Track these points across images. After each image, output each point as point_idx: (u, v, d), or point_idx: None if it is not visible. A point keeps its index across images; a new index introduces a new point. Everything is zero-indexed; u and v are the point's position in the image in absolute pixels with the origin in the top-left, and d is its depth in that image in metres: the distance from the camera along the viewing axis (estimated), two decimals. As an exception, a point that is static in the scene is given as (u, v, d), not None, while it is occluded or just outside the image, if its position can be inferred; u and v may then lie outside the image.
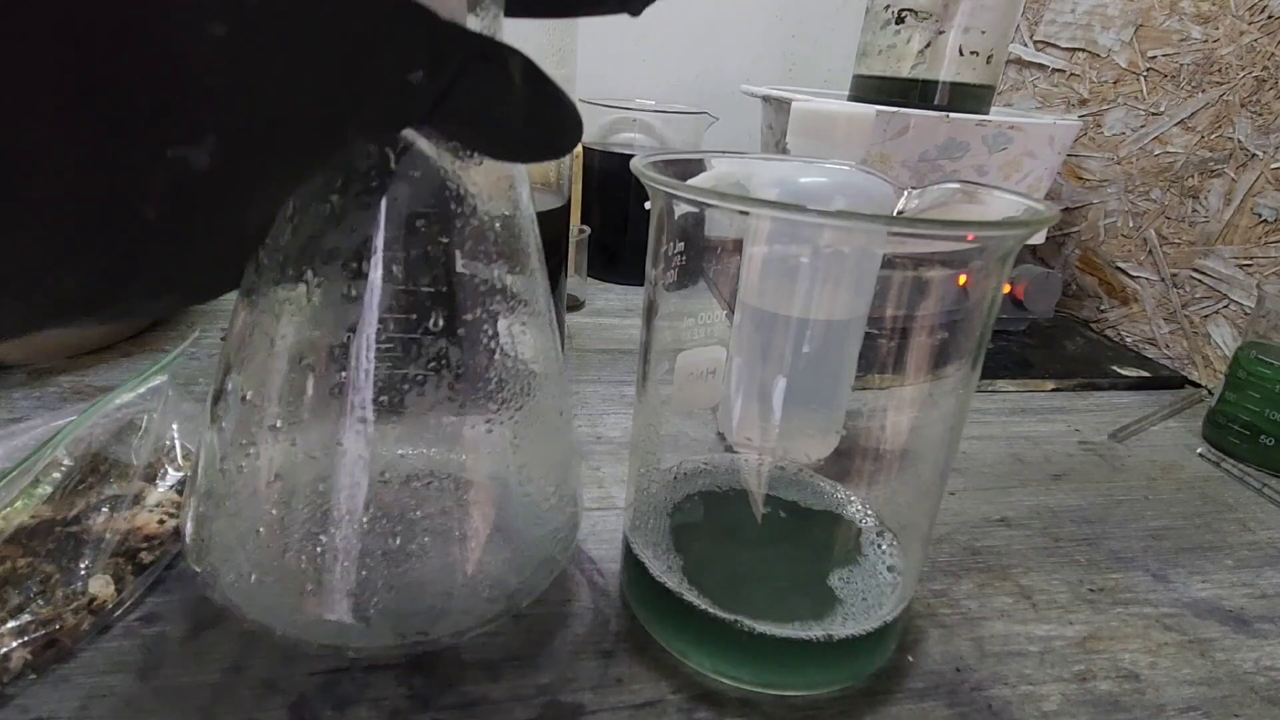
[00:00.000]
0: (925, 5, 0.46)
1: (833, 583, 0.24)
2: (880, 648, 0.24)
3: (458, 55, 0.13)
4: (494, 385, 0.21)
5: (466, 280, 0.19)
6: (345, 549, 0.19)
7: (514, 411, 0.21)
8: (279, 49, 0.11)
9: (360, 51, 0.12)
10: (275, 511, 0.20)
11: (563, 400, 0.24)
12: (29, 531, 0.24)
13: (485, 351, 0.20)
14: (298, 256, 0.18)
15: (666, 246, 0.23)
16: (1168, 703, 0.25)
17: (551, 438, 0.24)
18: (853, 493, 0.26)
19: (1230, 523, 0.36)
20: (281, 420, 0.19)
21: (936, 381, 0.22)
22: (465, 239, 0.19)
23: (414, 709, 0.22)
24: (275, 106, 0.11)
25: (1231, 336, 0.51)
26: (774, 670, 0.23)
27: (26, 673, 0.21)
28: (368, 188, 0.17)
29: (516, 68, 0.15)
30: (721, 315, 0.24)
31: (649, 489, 0.26)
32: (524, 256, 0.21)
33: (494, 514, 0.22)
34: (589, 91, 0.70)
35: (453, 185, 0.19)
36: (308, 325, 0.18)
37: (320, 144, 0.13)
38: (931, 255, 0.21)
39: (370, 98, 0.13)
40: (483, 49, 0.14)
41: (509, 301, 0.21)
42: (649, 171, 0.20)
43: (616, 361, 0.48)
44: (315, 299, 0.18)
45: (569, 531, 0.24)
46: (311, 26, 0.11)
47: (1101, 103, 0.61)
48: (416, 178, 0.18)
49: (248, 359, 0.19)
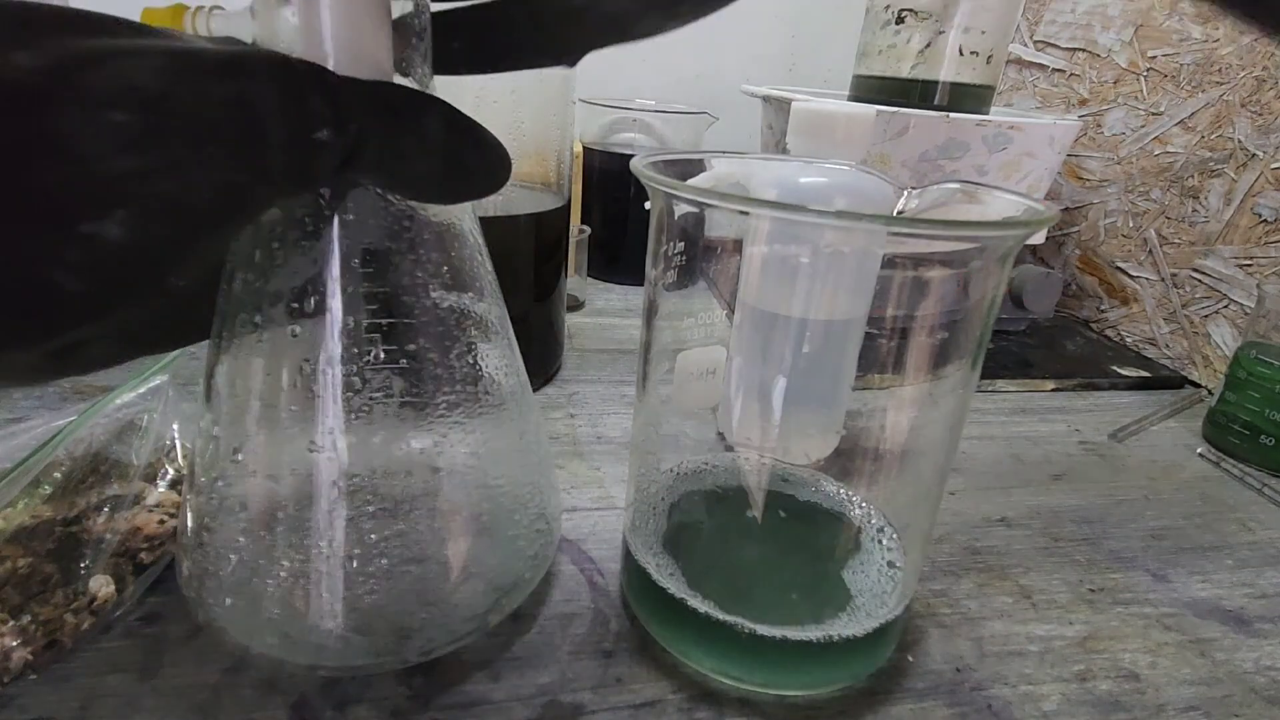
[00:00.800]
0: (925, 5, 0.46)
1: (832, 583, 0.24)
2: (880, 648, 0.24)
3: (364, 112, 0.15)
4: (444, 408, 0.21)
5: (418, 308, 0.20)
6: (311, 575, 0.20)
7: (467, 434, 0.22)
8: (179, 127, 0.12)
9: (261, 118, 0.13)
10: (243, 540, 0.21)
11: (525, 421, 0.24)
12: (29, 531, 0.24)
13: (436, 377, 0.21)
14: (249, 301, 0.19)
15: (666, 246, 0.23)
16: (1167, 703, 0.25)
17: (515, 458, 0.24)
18: (852, 492, 0.26)
19: (1230, 523, 0.36)
20: (243, 454, 0.20)
21: (936, 381, 0.22)
22: (413, 269, 0.20)
23: (414, 709, 0.22)
24: (180, 177, 0.12)
25: (1231, 336, 0.51)
26: (773, 670, 0.23)
27: (26, 673, 0.21)
28: (305, 233, 0.18)
29: (436, 117, 0.16)
30: (721, 315, 0.24)
31: (649, 489, 0.26)
32: (475, 281, 0.22)
33: (453, 540, 0.22)
34: (589, 91, 0.69)
35: (398, 219, 0.19)
36: (263, 363, 0.19)
37: (233, 205, 0.14)
38: (930, 255, 0.21)
39: (277, 159, 0.14)
40: (391, 103, 0.15)
41: (462, 326, 0.22)
42: (649, 171, 0.20)
43: (616, 361, 0.48)
44: (267, 338, 0.19)
45: (540, 549, 0.24)
46: (209, 104, 0.12)
47: (1101, 103, 0.61)
48: (362, 213, 0.19)
49: (215, 398, 0.20)
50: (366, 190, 0.19)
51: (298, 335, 0.19)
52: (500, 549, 0.23)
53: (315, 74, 0.14)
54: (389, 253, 0.19)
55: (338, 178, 0.16)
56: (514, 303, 0.40)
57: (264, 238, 0.19)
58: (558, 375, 0.45)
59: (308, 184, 0.16)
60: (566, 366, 0.47)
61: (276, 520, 0.20)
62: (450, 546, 0.22)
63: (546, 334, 0.44)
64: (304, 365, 0.19)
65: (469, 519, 0.23)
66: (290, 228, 0.18)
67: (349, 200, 0.19)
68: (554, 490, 0.26)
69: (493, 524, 0.23)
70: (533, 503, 0.24)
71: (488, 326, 0.23)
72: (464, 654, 0.24)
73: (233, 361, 0.20)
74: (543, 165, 0.40)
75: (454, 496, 0.23)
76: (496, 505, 0.23)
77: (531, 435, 0.25)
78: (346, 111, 0.14)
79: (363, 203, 0.19)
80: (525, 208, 0.39)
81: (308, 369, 0.19)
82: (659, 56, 0.77)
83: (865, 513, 0.26)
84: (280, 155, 0.14)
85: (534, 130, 0.38)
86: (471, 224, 0.22)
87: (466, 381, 0.22)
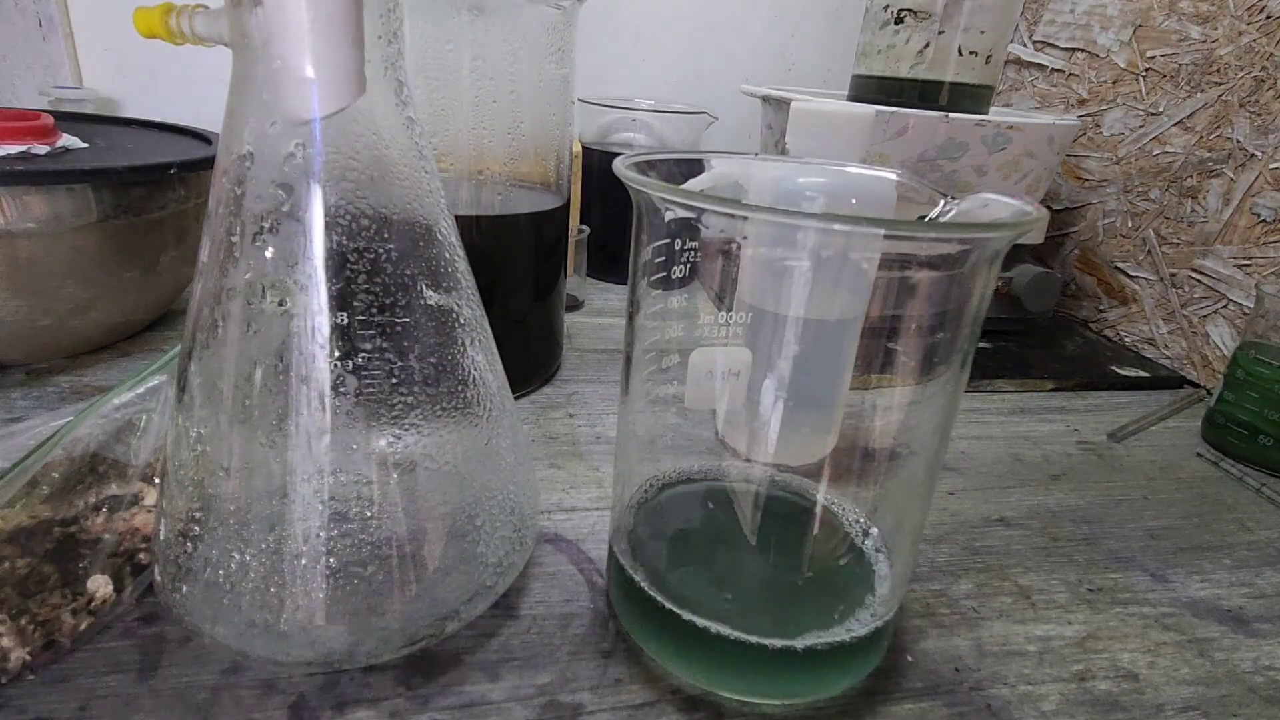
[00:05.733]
0: (924, 5, 0.46)
1: (824, 586, 0.24)
2: (871, 653, 0.23)
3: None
4: (407, 409, 0.21)
5: (390, 307, 0.20)
6: (259, 570, 0.20)
7: (435, 436, 0.22)
8: None
9: None
10: (198, 529, 0.21)
11: (493, 428, 0.24)
12: (28, 532, 0.24)
13: (392, 381, 0.21)
14: (220, 300, 0.19)
15: (652, 247, 0.22)
16: (1166, 702, 0.25)
17: (487, 462, 0.24)
18: (842, 494, 0.26)
19: (1229, 522, 0.36)
20: (210, 449, 0.20)
21: (926, 381, 0.22)
22: (384, 268, 0.20)
23: (413, 709, 0.22)
24: None
25: (1230, 336, 0.51)
26: (756, 680, 0.22)
27: (25, 673, 0.21)
28: (274, 232, 0.19)
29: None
30: (713, 315, 0.24)
31: (626, 495, 0.26)
32: (448, 280, 0.22)
33: (409, 545, 0.22)
34: (589, 91, 0.70)
35: (369, 217, 0.20)
36: (234, 363, 0.20)
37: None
38: (918, 256, 0.21)
39: None
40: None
41: (440, 326, 0.22)
42: (630, 173, 0.20)
43: (616, 361, 0.48)
44: (237, 337, 0.19)
45: (508, 556, 0.24)
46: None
47: (1100, 103, 0.61)
48: (332, 212, 0.19)
49: (188, 398, 0.21)
50: (335, 187, 0.19)
51: (267, 333, 0.19)
52: (460, 556, 0.23)
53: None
54: (360, 251, 0.20)
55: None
56: (513, 302, 0.41)
57: (239, 234, 0.19)
58: (557, 375, 0.45)
59: None
60: (566, 366, 0.47)
61: (230, 515, 0.21)
62: (405, 550, 0.22)
63: (546, 334, 0.44)
64: (275, 364, 0.19)
65: (429, 524, 0.23)
66: (260, 226, 0.19)
67: (318, 199, 0.19)
68: (531, 496, 0.26)
69: (454, 530, 0.23)
70: (500, 512, 0.24)
71: (464, 326, 0.23)
72: (463, 654, 0.24)
73: (202, 361, 0.20)
74: (542, 165, 0.40)
75: (417, 499, 0.23)
76: (460, 511, 0.23)
77: (499, 440, 0.25)
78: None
79: (332, 201, 0.19)
80: (525, 207, 0.39)
81: (280, 367, 0.19)
82: (659, 56, 0.77)
83: (855, 514, 0.26)
84: None
85: (534, 130, 0.38)
86: (448, 225, 0.22)
87: (430, 383, 0.22)
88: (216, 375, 0.20)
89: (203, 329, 0.20)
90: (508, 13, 0.35)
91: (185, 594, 0.21)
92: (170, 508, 0.21)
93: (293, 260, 0.19)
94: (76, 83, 0.66)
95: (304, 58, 0.17)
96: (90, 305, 0.38)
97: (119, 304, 0.41)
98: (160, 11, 0.19)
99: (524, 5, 0.35)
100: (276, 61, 0.17)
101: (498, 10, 0.35)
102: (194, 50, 0.28)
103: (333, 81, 0.18)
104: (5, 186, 0.33)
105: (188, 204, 0.41)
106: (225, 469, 0.20)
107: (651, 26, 0.76)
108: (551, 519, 0.31)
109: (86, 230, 0.36)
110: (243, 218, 0.19)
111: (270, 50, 0.17)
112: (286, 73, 0.18)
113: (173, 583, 0.21)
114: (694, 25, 0.76)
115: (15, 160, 0.36)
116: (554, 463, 0.36)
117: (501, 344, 0.25)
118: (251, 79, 0.18)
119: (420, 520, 0.22)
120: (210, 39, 0.19)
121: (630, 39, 0.76)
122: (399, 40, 0.20)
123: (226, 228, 0.19)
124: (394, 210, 0.20)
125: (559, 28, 0.37)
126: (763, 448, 0.25)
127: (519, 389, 0.42)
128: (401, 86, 0.20)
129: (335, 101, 0.18)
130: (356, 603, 0.21)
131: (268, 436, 0.20)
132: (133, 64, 0.68)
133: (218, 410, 0.20)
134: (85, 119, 0.51)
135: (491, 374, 0.24)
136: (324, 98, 0.18)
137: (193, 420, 0.20)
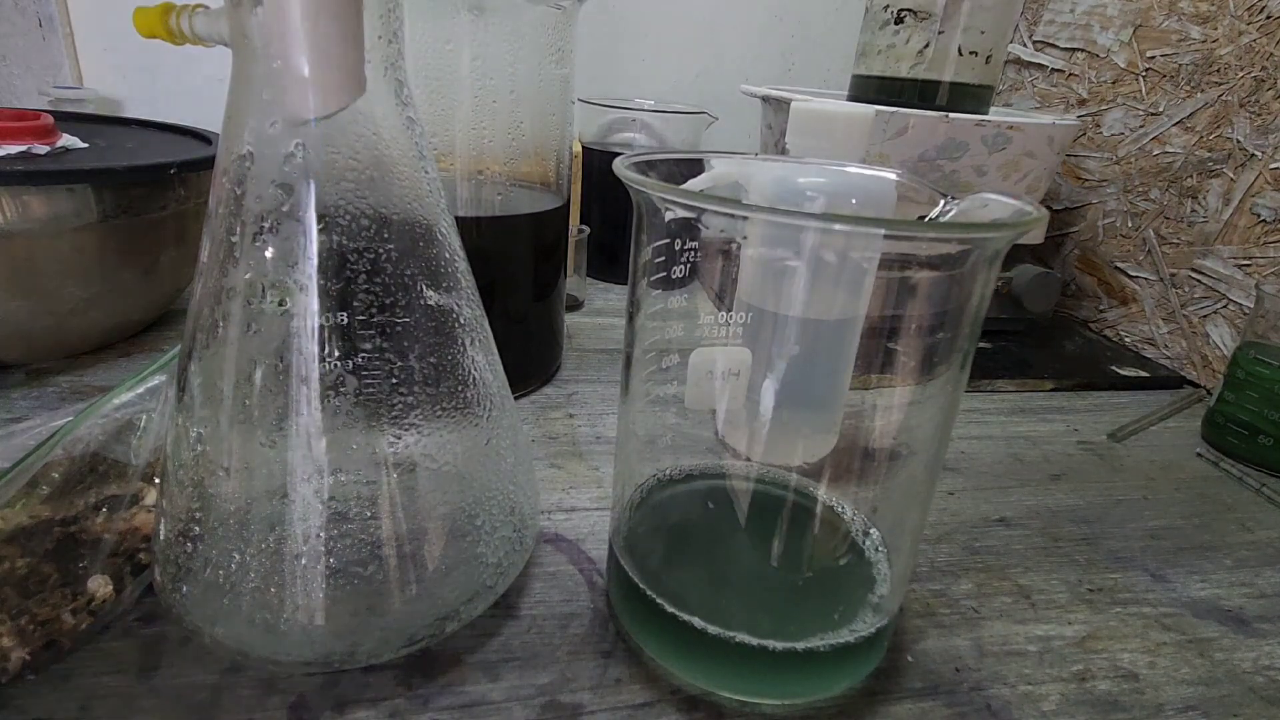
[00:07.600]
0: (924, 5, 0.46)
1: (824, 586, 0.24)
2: (872, 653, 0.23)
3: None
4: (407, 409, 0.21)
5: (391, 307, 0.20)
6: (258, 569, 0.20)
7: (435, 437, 0.22)
8: None
9: None
10: (198, 529, 0.21)
11: (493, 428, 0.24)
12: (27, 532, 0.24)
13: (392, 381, 0.21)
14: (220, 300, 0.19)
15: (652, 247, 0.22)
16: (1166, 702, 0.25)
17: (486, 463, 0.24)
18: (842, 494, 0.26)
19: (1229, 522, 0.36)
20: (210, 449, 0.20)
21: (926, 381, 0.22)
22: (384, 268, 0.20)
23: (414, 709, 0.22)
24: None
25: (1230, 336, 0.51)
26: (756, 681, 0.22)
27: (25, 673, 0.21)
28: (274, 232, 0.19)
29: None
30: (713, 315, 0.24)
31: (626, 495, 0.26)
32: (448, 280, 0.22)
33: (406, 545, 0.22)
34: (589, 91, 0.70)
35: (369, 218, 0.20)
36: (234, 362, 0.20)
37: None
38: (918, 256, 0.21)
39: None
40: None
41: (440, 327, 0.22)
42: (630, 173, 0.20)
43: (616, 361, 0.48)
44: (237, 336, 0.19)
45: (509, 556, 0.24)
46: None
47: (1100, 103, 0.61)
48: (331, 212, 0.19)
49: (188, 398, 0.21)
50: (335, 187, 0.19)
51: (267, 333, 0.19)
52: (460, 556, 0.23)
53: None
54: (360, 251, 0.20)
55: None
56: (513, 302, 0.41)
57: (239, 234, 0.19)
58: (557, 375, 0.45)
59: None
60: (566, 366, 0.47)
61: (230, 515, 0.21)
62: (405, 550, 0.22)
63: (546, 334, 0.44)
64: (275, 364, 0.19)
65: (429, 524, 0.23)
66: (260, 226, 0.19)
67: (318, 199, 0.19)
68: (531, 496, 0.26)
69: (454, 530, 0.23)
70: (499, 514, 0.24)
71: (464, 326, 0.23)
72: (463, 654, 0.24)
73: (202, 361, 0.20)
74: (542, 165, 0.40)
75: (417, 499, 0.23)
76: (460, 511, 0.23)
77: (505, 439, 0.25)
78: None
79: (332, 201, 0.19)
80: (524, 207, 0.39)
81: (280, 367, 0.19)
82: (659, 56, 0.77)
83: (854, 514, 0.26)
84: None
85: (533, 130, 0.38)
86: (448, 225, 0.22)
87: (430, 383, 0.22)
88: (216, 375, 0.20)
89: (203, 329, 0.20)
90: (508, 13, 0.35)
91: (185, 594, 0.21)
92: (170, 508, 0.21)
93: (293, 260, 0.19)
94: (76, 83, 0.66)
95: (304, 58, 0.17)
96: (90, 305, 0.38)
97: (119, 304, 0.41)
98: (160, 11, 0.19)
99: (524, 5, 0.35)
100: (276, 61, 0.17)
101: (498, 10, 0.35)
102: (194, 50, 0.28)
103: (333, 81, 0.18)
104: (5, 186, 0.33)
105: (188, 204, 0.41)
106: (225, 469, 0.20)
107: (651, 26, 0.76)
108: (551, 519, 0.31)
109: (87, 230, 0.36)
110: (243, 218, 0.19)
111: (270, 50, 0.17)
112: (286, 73, 0.18)
113: (173, 583, 0.21)
114: (694, 25, 0.76)
115: (15, 160, 0.36)
116: (554, 463, 0.36)
117: (501, 344, 0.25)
118: (251, 79, 0.18)
119: (420, 520, 0.22)
120: (210, 39, 0.19)
121: (630, 39, 0.76)
122: (399, 40, 0.20)
123: (226, 228, 0.19)
124: (394, 210, 0.20)
125: (559, 28, 0.37)
126: (762, 448, 0.25)
127: (519, 389, 0.42)
128: (401, 86, 0.20)
129: (335, 101, 0.18)
130: (356, 603, 0.21)
131: (268, 436, 0.20)
132: (133, 64, 0.68)
133: (218, 410, 0.20)
134: (85, 119, 0.51)
135: (491, 374, 0.24)
136: (324, 98, 0.18)
137: (193, 420, 0.20)
